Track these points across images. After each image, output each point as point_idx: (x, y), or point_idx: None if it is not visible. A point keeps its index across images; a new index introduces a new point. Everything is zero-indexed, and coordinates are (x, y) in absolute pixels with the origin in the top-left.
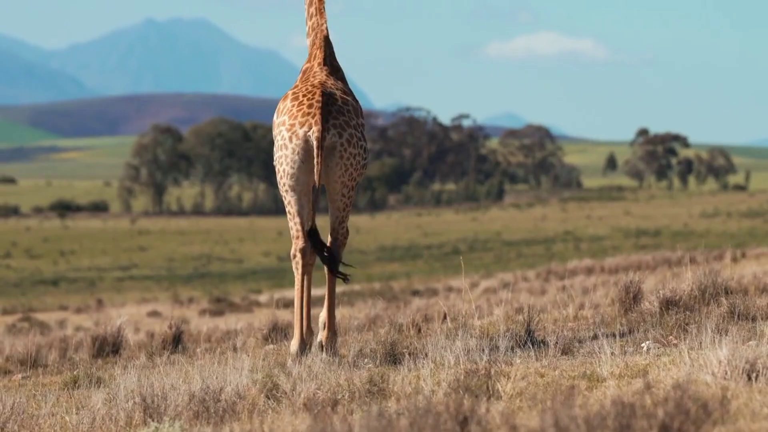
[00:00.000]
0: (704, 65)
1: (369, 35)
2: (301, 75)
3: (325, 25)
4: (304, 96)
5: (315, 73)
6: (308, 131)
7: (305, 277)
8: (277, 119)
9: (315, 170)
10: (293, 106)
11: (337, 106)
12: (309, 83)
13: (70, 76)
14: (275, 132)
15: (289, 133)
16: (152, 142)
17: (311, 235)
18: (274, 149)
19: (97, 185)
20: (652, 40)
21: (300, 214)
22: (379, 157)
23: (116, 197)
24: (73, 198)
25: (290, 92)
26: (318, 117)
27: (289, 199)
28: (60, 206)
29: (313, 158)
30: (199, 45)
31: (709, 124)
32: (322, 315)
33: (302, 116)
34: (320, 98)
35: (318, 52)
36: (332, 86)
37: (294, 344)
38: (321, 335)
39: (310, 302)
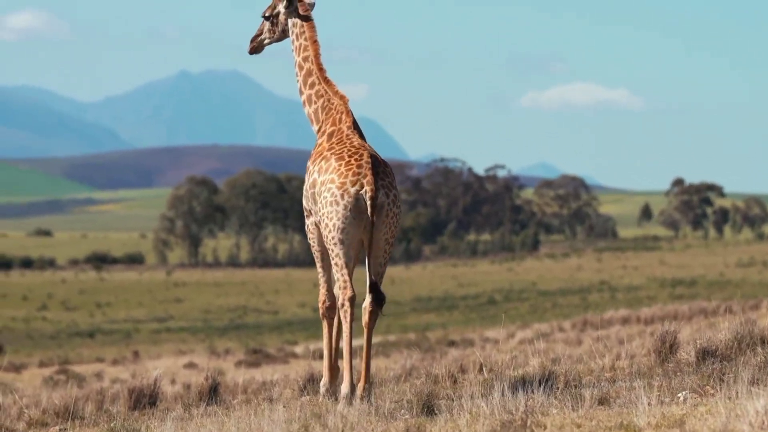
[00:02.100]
0: (739, 114)
1: (403, 85)
2: (327, 137)
3: (340, 91)
4: (350, 156)
5: (348, 135)
6: (360, 190)
7: (353, 325)
8: (320, 177)
9: (368, 228)
10: (339, 165)
11: (382, 168)
12: (349, 144)
13: (105, 128)
14: (321, 189)
15: (341, 191)
16: (187, 194)
17: (374, 287)
18: (319, 206)
19: (132, 237)
20: (687, 89)
21: (347, 265)
22: (413, 207)
23: (152, 249)
24: (108, 250)
25: (328, 152)
26: (370, 177)
27: (337, 252)
28: (96, 258)
29: (363, 215)
30: (234, 97)
31: (745, 173)
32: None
33: (353, 175)
34: (369, 159)
35: (344, 116)
36: (370, 149)
37: (345, 387)
38: (357, 386)
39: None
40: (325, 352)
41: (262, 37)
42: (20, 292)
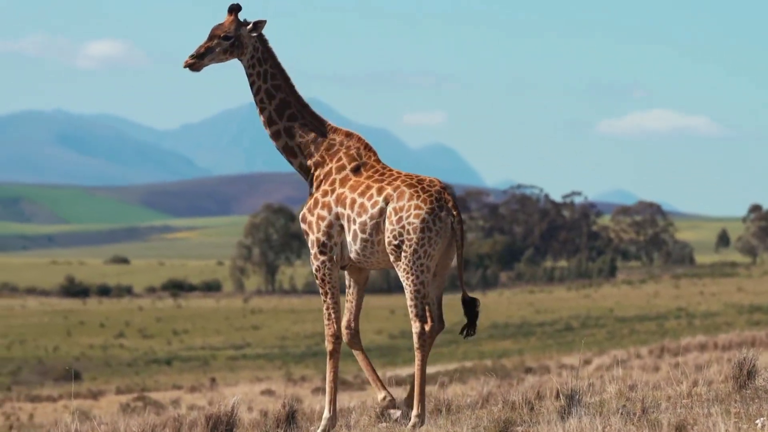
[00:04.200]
0: None
1: (480, 112)
2: (353, 172)
3: (340, 128)
4: (419, 183)
5: (383, 166)
6: (448, 214)
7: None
8: (390, 205)
9: (450, 250)
10: (415, 192)
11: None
12: (396, 173)
13: (182, 156)
14: (403, 215)
15: (431, 217)
16: (264, 221)
17: (469, 304)
18: (399, 234)
19: (209, 265)
20: (764, 115)
21: (429, 295)
22: (490, 234)
23: (229, 277)
24: (185, 277)
25: (381, 184)
26: (453, 201)
27: (422, 279)
28: (173, 286)
29: (446, 240)
30: None
31: None
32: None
33: (437, 201)
34: (442, 184)
35: (363, 150)
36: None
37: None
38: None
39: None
40: (369, 377)
41: (212, 57)
42: (98, 319)
